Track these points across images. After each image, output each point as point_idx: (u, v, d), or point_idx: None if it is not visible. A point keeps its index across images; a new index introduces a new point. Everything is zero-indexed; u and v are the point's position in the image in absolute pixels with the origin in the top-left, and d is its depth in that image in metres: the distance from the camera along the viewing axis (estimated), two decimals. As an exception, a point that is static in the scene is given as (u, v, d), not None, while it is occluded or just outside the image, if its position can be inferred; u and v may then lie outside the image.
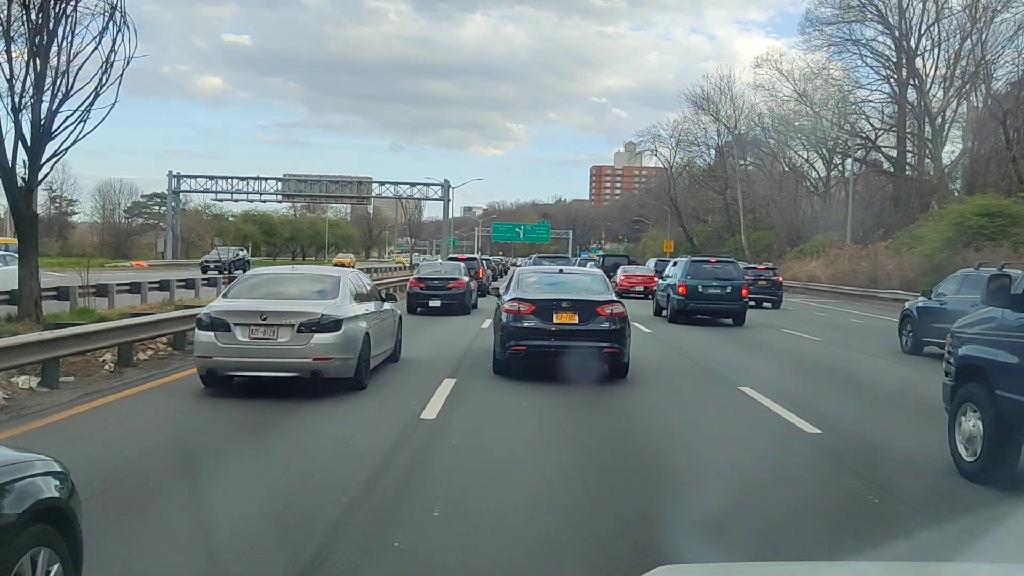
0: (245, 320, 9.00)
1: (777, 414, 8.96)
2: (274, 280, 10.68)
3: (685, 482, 6.36)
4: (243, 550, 4.65)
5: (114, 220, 75.72)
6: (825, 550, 4.78)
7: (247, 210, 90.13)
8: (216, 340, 9.00)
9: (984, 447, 6.15)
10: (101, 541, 4.23)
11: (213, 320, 9.11)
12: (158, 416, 8.37)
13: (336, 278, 10.20)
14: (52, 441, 6.77)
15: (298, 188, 65.85)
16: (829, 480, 6.64)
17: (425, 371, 11.31)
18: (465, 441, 7.53)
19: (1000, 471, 6.11)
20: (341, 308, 9.41)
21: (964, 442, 6.44)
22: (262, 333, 8.96)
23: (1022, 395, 5.73)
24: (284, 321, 8.98)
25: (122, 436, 7.58)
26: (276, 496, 5.61)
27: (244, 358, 9.01)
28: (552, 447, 7.57)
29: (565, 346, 10.49)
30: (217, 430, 7.91)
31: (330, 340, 9.02)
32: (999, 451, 6.07)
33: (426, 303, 21.68)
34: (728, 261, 22.04)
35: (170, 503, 5.49)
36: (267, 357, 9.02)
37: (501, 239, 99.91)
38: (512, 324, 10.61)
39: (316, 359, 9.00)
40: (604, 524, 5.30)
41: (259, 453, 6.96)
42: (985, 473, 6.15)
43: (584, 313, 10.59)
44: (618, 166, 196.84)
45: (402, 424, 7.98)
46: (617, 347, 10.55)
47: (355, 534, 4.94)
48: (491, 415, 8.80)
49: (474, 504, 5.62)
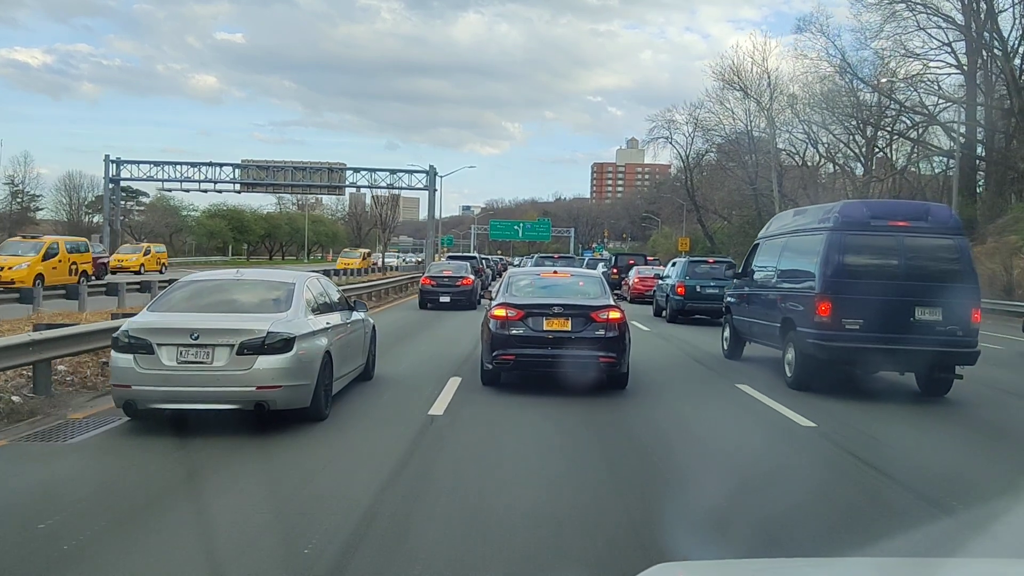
0: (172, 339, 7.34)
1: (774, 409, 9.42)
2: (214, 288, 8.72)
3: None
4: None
5: (79, 216, 69.35)
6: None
7: (216, 204, 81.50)
8: (136, 365, 7.31)
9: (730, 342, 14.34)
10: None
11: (132, 340, 7.37)
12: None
13: (290, 285, 8.49)
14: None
15: (258, 176, 55.62)
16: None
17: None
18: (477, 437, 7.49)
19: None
20: (294, 323, 7.79)
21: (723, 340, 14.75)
22: (193, 355, 7.33)
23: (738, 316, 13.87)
24: (221, 340, 7.34)
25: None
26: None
27: (170, 386, 7.29)
28: (554, 446, 7.45)
29: (557, 356, 9.88)
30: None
31: (278, 364, 7.39)
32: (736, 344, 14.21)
33: (436, 299, 24.30)
34: (726, 261, 23.18)
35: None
36: (199, 386, 7.29)
37: (499, 237, 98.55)
38: (499, 331, 10.04)
39: (260, 387, 7.34)
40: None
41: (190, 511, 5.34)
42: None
43: (578, 319, 10.03)
44: (620, 163, 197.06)
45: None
46: (614, 357, 9.91)
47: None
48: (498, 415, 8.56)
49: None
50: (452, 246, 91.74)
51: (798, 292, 11.55)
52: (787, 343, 11.63)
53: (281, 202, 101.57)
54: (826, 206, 12.12)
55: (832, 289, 10.60)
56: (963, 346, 10.47)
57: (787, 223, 13.38)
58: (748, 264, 14.49)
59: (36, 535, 4.85)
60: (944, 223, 10.97)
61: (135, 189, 70.43)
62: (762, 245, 14.13)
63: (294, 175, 55.61)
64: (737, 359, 14.39)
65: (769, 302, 12.86)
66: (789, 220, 13.45)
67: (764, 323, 12.87)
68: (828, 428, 8.67)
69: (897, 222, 10.86)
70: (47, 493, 5.83)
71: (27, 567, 4.44)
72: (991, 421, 9.99)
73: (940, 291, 10.56)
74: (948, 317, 10.49)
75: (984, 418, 10.11)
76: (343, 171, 56.31)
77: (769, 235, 14.03)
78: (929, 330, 10.47)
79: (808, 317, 10.90)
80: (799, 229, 12.37)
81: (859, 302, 10.49)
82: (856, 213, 11.01)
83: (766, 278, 13.36)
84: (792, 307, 11.63)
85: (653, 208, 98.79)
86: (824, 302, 10.59)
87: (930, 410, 10.30)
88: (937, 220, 10.95)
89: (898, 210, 11.49)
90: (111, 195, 56.65)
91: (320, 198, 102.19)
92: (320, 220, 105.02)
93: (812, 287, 10.96)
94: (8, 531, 4.99)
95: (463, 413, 8.88)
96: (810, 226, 11.81)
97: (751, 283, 14.12)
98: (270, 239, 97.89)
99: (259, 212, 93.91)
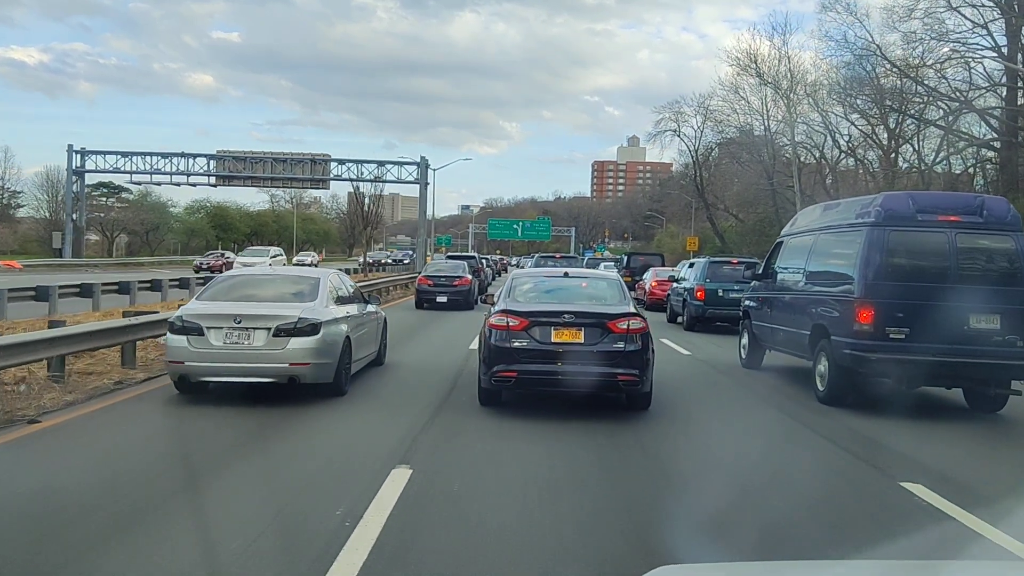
0: (219, 323, 9.13)
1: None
2: (251, 282, 10.80)
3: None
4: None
5: (59, 213, 67.80)
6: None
7: (198, 200, 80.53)
8: (188, 344, 9.13)
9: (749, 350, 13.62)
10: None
11: (185, 324, 9.21)
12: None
13: (315, 279, 10.41)
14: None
15: (236, 168, 54.12)
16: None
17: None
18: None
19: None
20: (320, 311, 9.57)
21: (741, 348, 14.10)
22: (236, 337, 9.12)
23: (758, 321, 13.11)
24: (259, 324, 9.13)
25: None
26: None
27: (217, 363, 9.13)
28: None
29: (567, 373, 8.82)
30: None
31: (308, 344, 9.17)
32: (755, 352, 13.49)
33: (433, 299, 24.91)
34: (750, 262, 20.39)
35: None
36: (241, 362, 9.13)
37: (498, 236, 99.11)
38: (499, 343, 9.01)
39: (293, 364, 9.13)
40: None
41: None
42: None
43: (592, 329, 8.97)
44: (621, 161, 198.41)
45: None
46: (635, 374, 8.84)
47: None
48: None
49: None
50: (450, 245, 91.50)
51: (832, 296, 10.51)
52: (818, 353, 10.59)
53: (274, 200, 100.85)
54: (863, 199, 11.10)
55: (874, 293, 9.52)
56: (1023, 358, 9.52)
57: (816, 219, 12.35)
58: (769, 264, 13.54)
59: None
60: (1001, 218, 9.89)
61: (116, 185, 69.35)
62: (787, 244, 13.13)
63: (274, 167, 54.16)
64: (756, 368, 13.54)
65: (796, 307, 11.83)
66: (819, 215, 12.42)
67: (789, 330, 11.87)
68: (898, 467, 7.22)
69: (947, 216, 9.80)
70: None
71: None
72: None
73: (998, 296, 9.54)
74: (1007, 326, 9.47)
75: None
76: (327, 163, 54.79)
77: (795, 232, 13.01)
78: (985, 340, 9.42)
79: (845, 325, 9.86)
80: (832, 225, 11.34)
81: (905, 308, 9.42)
82: (900, 206, 9.95)
83: (792, 280, 12.34)
84: (825, 313, 10.59)
85: (657, 206, 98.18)
86: (865, 308, 9.53)
87: (990, 428, 9.36)
88: (993, 215, 9.88)
89: (947, 203, 10.34)
90: (75, 188, 55.40)
91: (319, 197, 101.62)
92: (311, 219, 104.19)
93: (850, 291, 9.91)
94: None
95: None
96: (845, 221, 10.76)
97: (773, 285, 13.11)
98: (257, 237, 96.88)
99: (244, 209, 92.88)
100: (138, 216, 70.21)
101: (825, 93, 49.56)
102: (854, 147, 54.13)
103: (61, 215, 70.69)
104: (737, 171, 61.49)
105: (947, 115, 44.45)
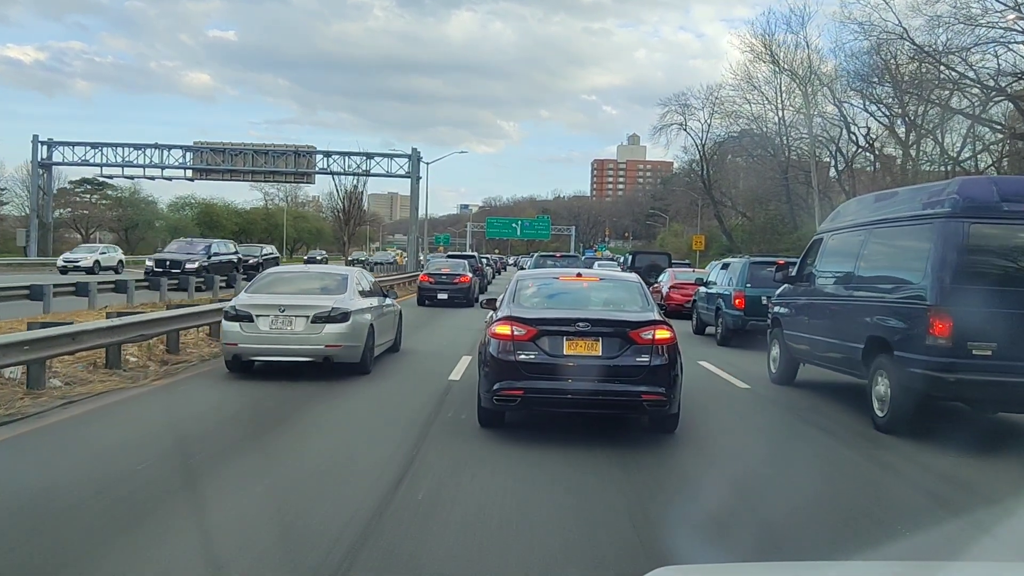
0: (266, 312, 11.26)
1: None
2: (289, 278, 13.18)
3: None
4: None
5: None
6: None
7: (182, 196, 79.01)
8: (241, 329, 11.27)
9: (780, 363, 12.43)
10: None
11: (238, 312, 11.38)
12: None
13: (344, 276, 12.83)
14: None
15: (214, 161, 52.38)
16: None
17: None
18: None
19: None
20: (349, 302, 11.71)
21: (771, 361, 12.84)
22: (281, 323, 11.24)
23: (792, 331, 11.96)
24: (300, 313, 11.24)
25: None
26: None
27: (265, 344, 11.24)
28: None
29: (582, 391, 7.97)
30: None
31: (340, 330, 11.28)
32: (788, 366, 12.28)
33: (434, 296, 26.58)
34: (795, 262, 16.29)
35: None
36: (285, 344, 11.26)
37: (496, 235, 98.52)
38: (502, 356, 8.07)
39: (327, 346, 11.24)
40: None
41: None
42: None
43: (611, 340, 8.05)
44: (621, 159, 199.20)
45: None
46: (662, 393, 7.91)
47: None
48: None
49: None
50: (449, 244, 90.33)
51: (894, 304, 9.07)
52: (875, 371, 9.16)
53: (268, 197, 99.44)
54: (931, 186, 9.68)
55: (953, 300, 8.08)
56: None
57: (866, 211, 10.92)
58: (805, 265, 12.16)
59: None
60: None
61: (101, 181, 67.66)
62: (827, 241, 11.72)
63: (256, 160, 52.48)
64: (788, 384, 12.20)
65: (843, 315, 10.40)
66: (869, 207, 10.98)
67: (834, 342, 10.45)
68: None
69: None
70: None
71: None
72: None
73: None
74: (1113, 342, 8.07)
75: None
76: (312, 155, 53.05)
77: (838, 228, 11.58)
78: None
79: (914, 338, 8.41)
80: (889, 218, 9.92)
81: (991, 318, 7.95)
82: (981, 193, 8.49)
83: (836, 283, 10.93)
84: (884, 323, 9.15)
85: (660, 205, 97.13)
86: (942, 319, 8.08)
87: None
88: None
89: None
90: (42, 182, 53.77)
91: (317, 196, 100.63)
92: (304, 216, 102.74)
93: (920, 297, 8.48)
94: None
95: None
96: (909, 213, 9.32)
97: (811, 289, 11.71)
98: (245, 235, 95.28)
99: (232, 206, 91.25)
100: (116, 213, 68.52)
101: (844, 82, 48.28)
102: (872, 140, 52.88)
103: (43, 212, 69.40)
104: (745, 167, 60.18)
105: (974, 105, 43.10)
